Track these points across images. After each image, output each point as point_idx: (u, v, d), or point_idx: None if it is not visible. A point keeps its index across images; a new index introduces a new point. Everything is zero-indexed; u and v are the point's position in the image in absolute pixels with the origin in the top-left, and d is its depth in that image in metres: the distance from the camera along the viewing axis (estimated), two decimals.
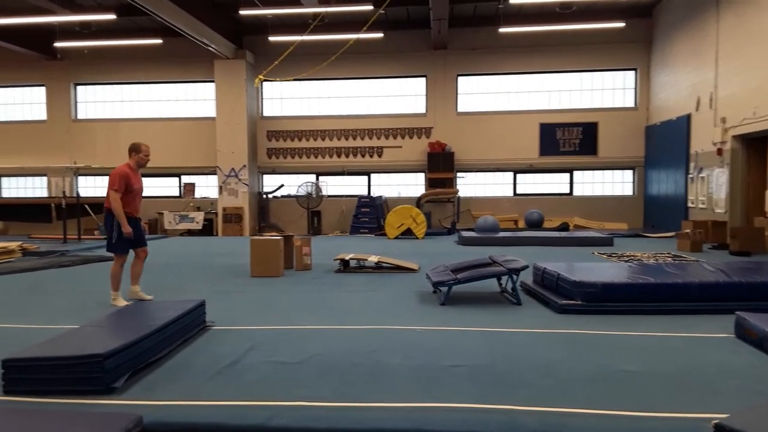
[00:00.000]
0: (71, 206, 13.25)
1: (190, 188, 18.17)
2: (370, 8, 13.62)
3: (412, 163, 17.38)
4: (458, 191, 16.30)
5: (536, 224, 15.50)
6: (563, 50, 16.66)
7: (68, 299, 6.47)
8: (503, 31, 15.29)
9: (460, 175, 17.25)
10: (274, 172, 18.04)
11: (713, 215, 12.48)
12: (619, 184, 17.14)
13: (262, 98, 17.99)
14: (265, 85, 17.60)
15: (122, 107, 18.35)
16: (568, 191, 17.25)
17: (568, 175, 17.20)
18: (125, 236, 6.08)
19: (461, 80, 17.33)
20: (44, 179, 18.41)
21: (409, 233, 14.16)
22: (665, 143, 15.17)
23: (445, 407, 3.24)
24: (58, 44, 16.16)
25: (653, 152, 16.12)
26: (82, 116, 18.48)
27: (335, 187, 17.83)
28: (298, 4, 13.72)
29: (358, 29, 13.60)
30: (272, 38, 15.48)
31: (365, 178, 17.91)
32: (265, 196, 17.82)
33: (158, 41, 16.09)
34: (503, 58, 16.89)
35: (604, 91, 16.99)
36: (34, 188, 18.73)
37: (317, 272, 8.58)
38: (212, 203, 17.70)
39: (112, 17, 14.44)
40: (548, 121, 16.94)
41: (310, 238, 9.27)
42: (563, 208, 16.86)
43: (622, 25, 15.19)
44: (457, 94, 17.29)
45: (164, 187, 18.38)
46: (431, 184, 16.87)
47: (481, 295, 6.61)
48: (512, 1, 13.75)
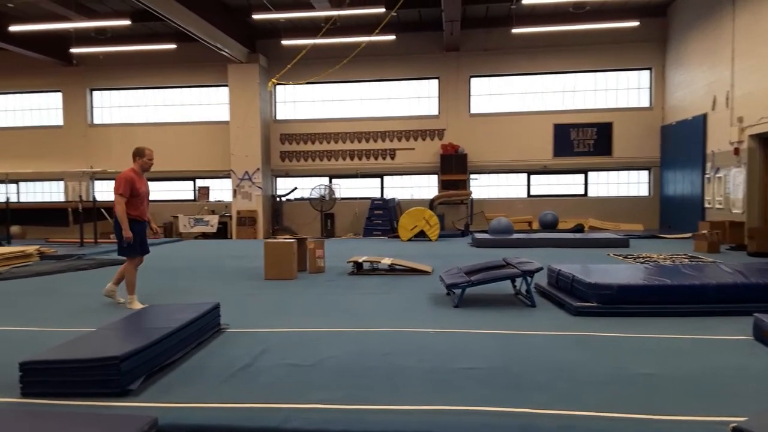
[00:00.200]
0: (88, 210, 13.39)
1: (204, 192, 18.30)
2: (382, 11, 13.64)
3: (425, 165, 17.36)
4: (471, 193, 16.24)
5: (550, 226, 15.41)
6: (577, 50, 16.56)
7: (85, 302, 6.53)
8: (516, 31, 15.23)
9: (473, 176, 17.19)
10: (287, 175, 18.12)
11: (730, 216, 12.32)
12: (634, 184, 16.98)
13: (275, 102, 18.08)
14: (278, 88, 17.69)
15: (137, 112, 18.54)
16: (582, 192, 17.13)
17: (582, 175, 17.08)
18: (125, 240, 6.09)
19: (474, 81, 17.28)
20: (61, 184, 18.64)
21: (422, 235, 14.13)
22: (681, 143, 15.01)
23: (459, 410, 3.23)
24: (74, 50, 16.37)
25: (669, 152, 15.96)
26: (98, 121, 18.69)
27: (348, 189, 17.86)
28: (310, 7, 13.77)
29: (370, 32, 13.62)
30: (285, 42, 15.55)
31: (378, 180, 17.92)
32: (278, 199, 17.90)
33: (172, 46, 16.25)
34: (516, 58, 16.82)
35: (618, 91, 16.85)
36: (51, 192, 18.96)
37: (330, 275, 8.59)
38: (226, 206, 17.80)
39: (126, 23, 14.62)
40: (562, 121, 16.84)
41: (323, 240, 9.29)
42: (578, 209, 16.74)
43: (636, 24, 15.08)
44: (469, 95, 17.25)
45: (179, 190, 18.55)
46: (444, 186, 16.83)
47: (495, 297, 6.58)
48: (525, 1, 13.71)
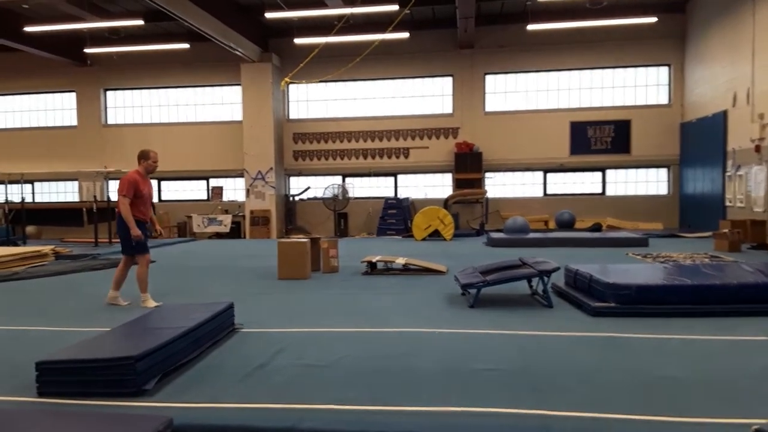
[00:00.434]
0: (102, 210, 13.47)
1: (217, 191, 18.37)
2: (395, 8, 13.57)
3: (439, 163, 17.27)
4: (486, 192, 16.12)
5: (567, 225, 15.23)
6: (593, 47, 16.36)
7: (99, 302, 6.55)
8: (531, 28, 15.09)
9: (488, 175, 17.07)
10: (300, 174, 18.12)
11: (752, 214, 12.11)
12: (653, 183, 16.74)
13: (288, 101, 18.09)
14: (291, 87, 17.68)
15: (151, 112, 18.65)
16: (600, 191, 16.93)
17: (600, 174, 16.88)
18: (134, 239, 6.19)
19: (489, 79, 17.15)
20: (75, 184, 18.76)
21: (436, 235, 14.06)
22: (701, 140, 14.79)
23: (476, 412, 3.17)
24: (88, 50, 16.48)
25: (689, 150, 15.73)
26: (111, 121, 18.83)
27: (362, 188, 17.82)
28: (323, 5, 13.75)
29: (383, 30, 13.55)
30: (298, 40, 15.53)
31: (392, 179, 17.86)
32: (291, 198, 17.91)
33: (185, 46, 16.30)
34: (532, 55, 16.66)
35: (636, 87, 16.62)
36: (66, 193, 19.14)
37: (344, 274, 8.56)
38: (240, 206, 17.85)
39: (140, 23, 14.70)
40: (579, 119, 16.66)
41: (336, 240, 9.26)
42: (595, 208, 16.55)
43: (654, 20, 14.86)
44: (484, 93, 17.12)
45: (193, 190, 18.63)
46: (459, 184, 16.73)
47: (511, 297, 6.50)
48: None
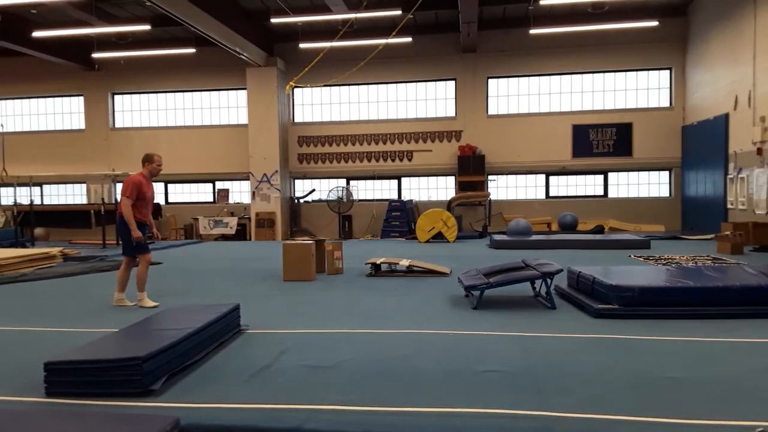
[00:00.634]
0: (110, 212, 13.55)
1: (223, 194, 18.45)
2: (398, 13, 13.65)
3: (442, 166, 17.32)
4: (489, 194, 16.16)
5: (570, 227, 15.24)
6: (595, 50, 16.41)
7: (107, 303, 6.60)
8: (534, 32, 15.12)
9: (491, 178, 17.11)
10: (305, 177, 18.19)
11: (754, 216, 12.11)
12: (655, 185, 16.77)
13: (293, 104, 18.17)
14: (295, 91, 17.77)
15: (158, 115, 18.76)
16: (602, 193, 16.96)
17: (602, 176, 16.91)
18: (134, 240, 6.30)
19: (491, 83, 17.21)
20: (83, 186, 18.90)
21: (440, 237, 14.09)
22: (703, 143, 14.80)
23: (479, 413, 3.20)
24: (95, 55, 16.59)
25: (690, 153, 15.74)
26: (119, 125, 18.95)
27: (366, 191, 17.88)
28: (327, 10, 13.83)
29: (387, 34, 13.63)
30: (302, 45, 15.61)
31: (395, 182, 17.91)
32: (296, 201, 17.98)
33: (191, 50, 16.39)
34: (534, 59, 16.72)
35: (638, 91, 16.66)
36: (74, 195, 19.26)
37: (349, 276, 8.60)
38: (245, 208, 17.93)
39: (147, 28, 14.80)
40: (581, 122, 16.69)
41: (341, 242, 9.31)
42: (598, 210, 16.57)
43: (655, 23, 14.89)
44: (487, 96, 17.18)
45: (199, 193, 18.73)
46: (462, 187, 16.77)
47: (514, 299, 6.53)
48: (542, 2, 13.61)
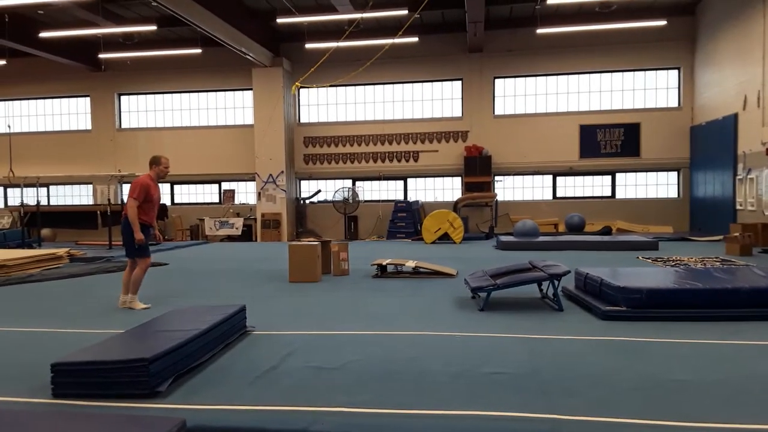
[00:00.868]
0: (116, 213, 13.58)
1: (229, 195, 18.48)
2: (405, 13, 13.64)
3: (448, 167, 17.28)
4: (496, 195, 16.12)
5: (577, 228, 15.18)
6: (603, 50, 16.32)
7: (113, 304, 6.61)
8: (541, 32, 15.07)
9: (497, 178, 17.06)
10: (311, 177, 18.20)
11: (763, 218, 12.03)
12: (663, 186, 16.67)
13: (299, 105, 18.18)
14: (301, 91, 17.79)
15: (164, 116, 18.80)
16: (610, 194, 16.87)
17: (609, 177, 16.83)
18: (137, 242, 6.30)
19: (498, 83, 17.16)
20: (90, 187, 18.98)
21: (446, 238, 14.06)
22: (711, 144, 14.70)
23: (486, 416, 3.18)
24: (102, 55, 16.65)
25: (699, 153, 15.64)
26: (125, 125, 19.01)
27: (372, 192, 17.87)
28: (333, 10, 13.83)
29: (393, 34, 13.60)
30: (308, 45, 15.61)
31: (401, 182, 17.89)
32: (302, 201, 17.98)
33: (197, 51, 16.42)
34: (541, 59, 16.65)
35: (646, 90, 16.57)
36: (80, 196, 19.33)
37: (354, 277, 8.59)
38: (251, 209, 17.95)
39: (153, 28, 14.83)
40: (588, 122, 16.61)
41: (347, 243, 9.30)
42: (605, 211, 16.49)
43: (663, 23, 14.81)
44: (494, 96, 17.13)
45: (205, 193, 18.77)
46: (468, 188, 16.73)
47: (521, 300, 6.50)
48: (549, 1, 13.56)
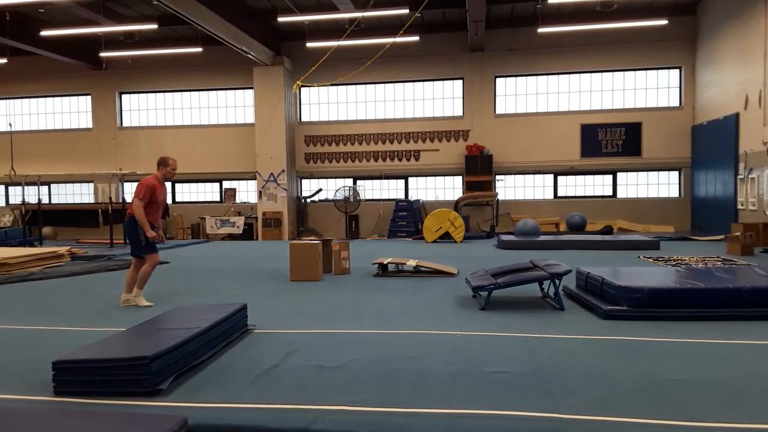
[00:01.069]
0: (117, 212, 13.61)
1: (230, 193, 18.48)
2: (406, 12, 13.63)
3: (449, 166, 17.28)
4: (497, 194, 16.12)
5: (578, 227, 15.17)
6: (604, 49, 16.31)
7: (115, 302, 6.62)
8: (542, 31, 15.05)
9: (498, 177, 17.06)
10: (312, 176, 18.20)
11: (764, 217, 12.02)
12: (664, 185, 16.66)
13: (300, 104, 18.17)
14: (302, 90, 17.78)
15: (165, 115, 18.80)
16: (611, 193, 16.87)
17: (611, 176, 16.82)
18: (150, 240, 6.38)
19: (499, 82, 17.15)
20: (91, 185, 18.99)
21: (447, 237, 14.06)
22: (713, 143, 14.69)
23: (487, 414, 3.18)
24: (103, 54, 16.65)
25: (700, 153, 15.63)
26: (126, 124, 19.01)
27: (373, 190, 17.86)
28: (334, 9, 13.82)
29: (394, 33, 13.60)
30: (309, 44, 15.61)
31: (402, 181, 17.89)
32: (303, 200, 17.98)
33: (198, 50, 16.42)
34: (542, 58, 16.64)
35: (647, 90, 16.55)
36: (81, 194, 19.33)
37: (355, 276, 8.59)
38: (252, 208, 17.95)
39: (154, 27, 14.84)
40: (590, 121, 16.60)
41: (348, 242, 9.30)
42: (606, 210, 16.48)
43: (664, 22, 14.79)
44: (495, 95, 17.12)
45: (206, 192, 18.77)
46: (469, 187, 16.72)
47: (522, 300, 6.50)
48: (551, 0, 13.55)
